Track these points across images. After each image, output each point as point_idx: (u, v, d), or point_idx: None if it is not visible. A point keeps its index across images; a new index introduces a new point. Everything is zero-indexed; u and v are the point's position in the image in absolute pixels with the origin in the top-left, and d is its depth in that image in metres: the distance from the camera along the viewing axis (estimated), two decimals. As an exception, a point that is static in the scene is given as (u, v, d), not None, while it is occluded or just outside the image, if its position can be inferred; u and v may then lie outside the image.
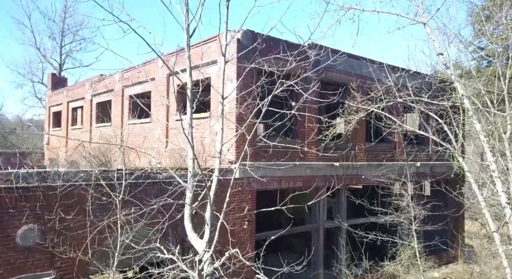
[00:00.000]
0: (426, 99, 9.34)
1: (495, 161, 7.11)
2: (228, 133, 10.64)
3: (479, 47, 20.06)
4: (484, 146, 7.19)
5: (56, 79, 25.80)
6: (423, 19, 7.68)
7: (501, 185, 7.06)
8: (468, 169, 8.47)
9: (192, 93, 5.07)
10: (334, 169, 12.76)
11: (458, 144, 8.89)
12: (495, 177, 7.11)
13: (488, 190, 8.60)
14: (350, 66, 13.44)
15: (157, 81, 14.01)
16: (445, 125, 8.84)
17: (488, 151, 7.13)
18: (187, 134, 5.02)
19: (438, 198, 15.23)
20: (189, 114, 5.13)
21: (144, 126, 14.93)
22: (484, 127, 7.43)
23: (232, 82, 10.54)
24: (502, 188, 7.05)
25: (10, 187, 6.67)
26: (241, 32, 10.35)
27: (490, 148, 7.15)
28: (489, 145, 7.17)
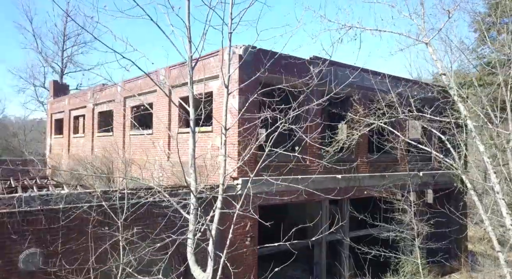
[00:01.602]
0: (428, 116, 9.30)
1: (499, 182, 7.06)
2: (230, 148, 10.63)
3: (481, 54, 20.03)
4: (488, 167, 7.14)
5: (58, 86, 25.85)
6: (425, 39, 7.64)
7: (505, 207, 7.01)
8: (472, 187, 8.43)
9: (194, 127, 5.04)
10: (337, 181, 12.72)
11: (461, 161, 8.84)
12: (499, 199, 7.06)
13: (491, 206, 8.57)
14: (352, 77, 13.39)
15: (159, 93, 14.00)
16: (448, 143, 8.80)
17: (492, 172, 7.08)
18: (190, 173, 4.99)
19: (441, 205, 15.19)
20: (192, 146, 5.09)
21: (146, 138, 14.92)
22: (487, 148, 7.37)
23: (234, 97, 10.52)
24: (506, 210, 7.00)
25: (13, 211, 6.66)
26: (243, 48, 10.34)
27: (494, 169, 7.10)
28: (493, 167, 7.12)
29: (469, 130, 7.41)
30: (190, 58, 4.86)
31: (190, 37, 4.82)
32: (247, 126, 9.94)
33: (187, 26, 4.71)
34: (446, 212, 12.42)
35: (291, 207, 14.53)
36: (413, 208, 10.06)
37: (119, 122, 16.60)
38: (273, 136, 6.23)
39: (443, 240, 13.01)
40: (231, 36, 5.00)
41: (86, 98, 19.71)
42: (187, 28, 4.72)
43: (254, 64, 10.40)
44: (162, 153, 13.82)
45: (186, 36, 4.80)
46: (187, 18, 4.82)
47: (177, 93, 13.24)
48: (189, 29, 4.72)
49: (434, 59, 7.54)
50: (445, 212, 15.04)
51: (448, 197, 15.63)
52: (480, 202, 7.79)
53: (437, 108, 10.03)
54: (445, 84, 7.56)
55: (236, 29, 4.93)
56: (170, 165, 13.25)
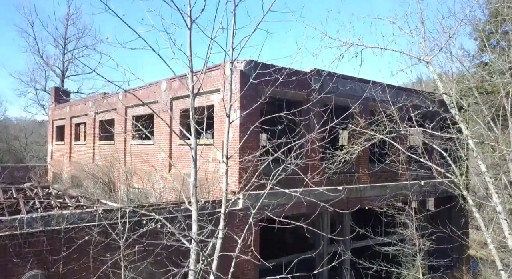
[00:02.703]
0: (430, 130, 9.29)
1: (501, 202, 7.04)
2: (231, 163, 10.62)
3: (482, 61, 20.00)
4: (490, 187, 7.13)
5: (59, 92, 25.88)
6: (427, 58, 7.64)
7: (508, 227, 6.99)
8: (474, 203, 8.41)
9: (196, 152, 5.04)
10: (338, 193, 12.70)
11: (462, 177, 8.82)
12: (501, 219, 7.05)
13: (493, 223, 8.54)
14: (353, 89, 13.40)
15: (160, 104, 14.01)
16: (449, 159, 8.78)
17: (494, 192, 7.07)
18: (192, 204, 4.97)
19: (443, 212, 15.16)
20: (193, 175, 5.07)
21: (147, 148, 14.94)
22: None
23: (235, 112, 10.52)
24: (508, 230, 6.98)
25: (15, 234, 6.67)
26: (244, 62, 10.34)
27: (496, 189, 7.09)
28: (495, 187, 7.10)
29: (470, 149, 7.39)
30: (192, 88, 4.86)
31: (192, 67, 4.82)
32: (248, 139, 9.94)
33: (189, 59, 4.71)
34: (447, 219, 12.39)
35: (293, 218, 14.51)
36: (414, 223, 10.04)
37: (120, 131, 16.62)
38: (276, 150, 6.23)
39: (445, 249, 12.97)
40: (232, 65, 5.00)
41: (87, 106, 19.74)
42: (189, 60, 4.73)
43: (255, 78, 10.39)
44: (163, 164, 13.82)
45: (188, 66, 4.81)
46: (188, 49, 4.82)
47: (178, 104, 13.25)
48: (191, 60, 4.72)
49: (435, 78, 7.53)
50: (446, 218, 15.03)
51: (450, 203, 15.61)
52: (482, 220, 7.77)
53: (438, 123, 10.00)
54: (447, 102, 7.55)
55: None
56: (171, 176, 13.25)
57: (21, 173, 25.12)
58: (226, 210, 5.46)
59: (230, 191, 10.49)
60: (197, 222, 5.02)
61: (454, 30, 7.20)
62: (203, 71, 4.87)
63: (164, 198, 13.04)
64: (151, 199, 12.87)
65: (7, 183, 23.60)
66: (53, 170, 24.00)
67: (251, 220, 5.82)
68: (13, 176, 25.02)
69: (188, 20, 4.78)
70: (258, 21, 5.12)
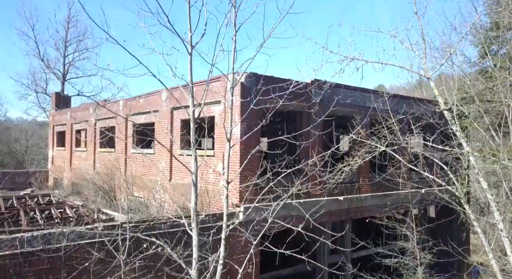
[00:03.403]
0: (430, 143, 9.28)
1: (502, 220, 7.02)
2: (231, 175, 10.61)
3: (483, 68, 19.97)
4: (491, 204, 7.11)
5: (60, 97, 25.92)
6: (428, 74, 7.62)
7: (510, 245, 6.97)
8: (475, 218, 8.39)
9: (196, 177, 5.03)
10: (339, 203, 12.69)
11: (463, 191, 8.80)
12: (503, 237, 7.02)
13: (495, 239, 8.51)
14: (353, 99, 13.38)
15: (160, 113, 14.01)
16: (450, 173, 8.76)
17: (495, 209, 7.05)
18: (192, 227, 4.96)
19: (444, 225, 15.12)
20: (193, 200, 5.06)
21: (148, 157, 14.93)
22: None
23: (236, 124, 10.50)
24: (510, 248, 6.96)
25: (15, 253, 6.66)
26: (245, 75, 10.33)
27: (497, 207, 7.07)
28: (496, 204, 7.08)
29: (471, 166, 7.37)
30: (193, 112, 4.85)
31: (193, 93, 4.82)
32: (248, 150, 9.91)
33: (190, 85, 4.71)
34: (448, 233, 12.38)
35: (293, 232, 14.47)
36: (415, 236, 10.02)
37: (120, 139, 16.61)
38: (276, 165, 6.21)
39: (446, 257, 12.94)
40: (233, 91, 4.99)
41: (87, 113, 19.75)
42: (190, 86, 4.72)
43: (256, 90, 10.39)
44: (164, 174, 13.81)
45: (189, 93, 4.80)
46: (189, 75, 4.82)
47: (178, 114, 13.25)
48: (192, 89, 4.72)
49: (436, 94, 7.52)
50: (447, 232, 14.99)
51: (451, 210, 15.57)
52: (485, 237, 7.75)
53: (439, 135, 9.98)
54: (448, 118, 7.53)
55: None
56: (172, 186, 13.24)
57: (22, 179, 25.15)
58: (226, 233, 5.45)
59: (231, 204, 10.48)
60: (197, 247, 5.01)
61: (454, 47, 7.18)
62: (203, 99, 4.86)
63: (165, 209, 13.04)
64: (152, 209, 12.87)
65: (8, 188, 23.65)
66: (53, 175, 24.01)
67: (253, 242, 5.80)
68: (14, 181, 25.05)
69: (189, 46, 4.78)
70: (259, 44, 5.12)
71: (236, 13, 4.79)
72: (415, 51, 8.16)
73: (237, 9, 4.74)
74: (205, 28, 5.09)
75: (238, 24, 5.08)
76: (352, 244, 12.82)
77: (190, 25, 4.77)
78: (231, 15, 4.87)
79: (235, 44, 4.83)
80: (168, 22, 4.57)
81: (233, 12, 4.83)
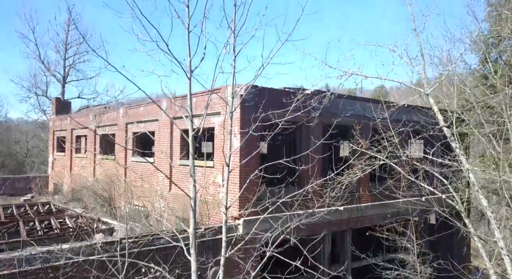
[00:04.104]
0: (431, 157, 9.26)
1: (503, 238, 7.00)
2: (231, 188, 10.59)
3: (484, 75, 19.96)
4: (492, 222, 7.09)
5: (60, 103, 25.93)
6: (427, 89, 7.61)
7: (510, 264, 6.95)
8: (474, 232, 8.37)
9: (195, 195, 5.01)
10: (339, 213, 12.66)
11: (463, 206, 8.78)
12: (503, 255, 7.01)
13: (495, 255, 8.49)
14: (353, 108, 13.36)
15: (160, 122, 14.00)
16: (451, 187, 8.75)
17: (496, 227, 7.03)
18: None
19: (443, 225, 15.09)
20: (192, 225, 5.05)
21: (148, 165, 14.91)
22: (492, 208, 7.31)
23: (235, 136, 10.50)
24: (511, 266, 6.94)
25: (13, 272, 6.65)
26: (244, 88, 10.31)
27: (498, 224, 7.05)
28: (496, 222, 7.06)
29: (472, 184, 7.36)
30: (192, 138, 4.84)
31: (192, 118, 4.81)
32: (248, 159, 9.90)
33: (190, 111, 4.70)
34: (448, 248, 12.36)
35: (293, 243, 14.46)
36: (416, 249, 10.00)
37: (120, 147, 16.61)
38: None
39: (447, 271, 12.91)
40: (232, 115, 4.98)
41: (88, 120, 19.75)
42: (189, 111, 4.72)
43: (255, 103, 10.40)
44: (164, 183, 13.80)
45: (189, 117, 4.79)
46: (188, 99, 4.81)
47: (178, 124, 13.23)
48: (191, 113, 4.71)
49: (436, 110, 7.50)
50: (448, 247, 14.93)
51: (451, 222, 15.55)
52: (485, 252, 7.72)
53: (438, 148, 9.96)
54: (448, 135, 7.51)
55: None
56: (172, 196, 13.23)
57: (22, 184, 25.16)
58: (226, 254, 5.44)
59: (231, 216, 10.46)
60: (196, 272, 5.00)
61: (454, 65, 7.17)
62: (202, 123, 4.85)
63: (164, 218, 13.02)
64: (151, 220, 12.85)
65: (8, 194, 23.67)
66: (53, 181, 24.03)
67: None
68: (14, 187, 25.06)
69: (188, 71, 4.77)
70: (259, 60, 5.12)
71: (235, 38, 4.79)
72: (414, 66, 8.16)
73: (236, 35, 4.74)
74: (204, 51, 5.08)
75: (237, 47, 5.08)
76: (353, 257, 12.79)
77: (189, 50, 4.77)
78: (230, 40, 4.87)
79: (234, 69, 4.82)
80: (168, 49, 4.57)
81: (232, 38, 4.82)
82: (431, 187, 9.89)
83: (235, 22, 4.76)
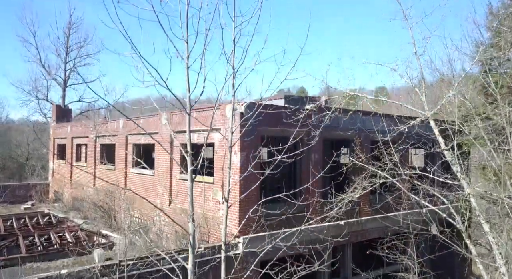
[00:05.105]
0: (431, 175, 9.22)
1: (505, 264, 6.95)
2: (231, 208, 10.57)
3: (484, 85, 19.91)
4: (493, 247, 7.05)
5: (60, 110, 25.95)
6: (427, 112, 7.57)
7: (511, 289, 6.90)
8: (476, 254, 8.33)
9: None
10: (339, 228, 12.62)
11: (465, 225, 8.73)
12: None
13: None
14: (353, 122, 13.31)
15: (160, 135, 13.97)
16: (452, 207, 8.70)
17: (497, 253, 6.98)
18: None
19: (443, 257, 15.02)
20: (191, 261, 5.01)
21: (148, 178, 14.88)
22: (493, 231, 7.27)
23: (236, 154, 10.46)
24: (512, 292, 6.90)
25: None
26: (244, 105, 10.30)
27: (500, 250, 7.00)
28: (498, 247, 7.02)
29: (473, 208, 7.32)
30: (191, 171, 4.81)
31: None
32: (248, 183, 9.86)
33: (189, 150, 4.68)
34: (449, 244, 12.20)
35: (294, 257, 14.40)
36: (416, 267, 9.96)
37: (120, 158, 16.58)
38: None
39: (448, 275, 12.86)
40: (231, 149, 4.96)
41: (88, 129, 19.74)
42: (189, 153, 4.69)
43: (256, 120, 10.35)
44: (164, 197, 13.77)
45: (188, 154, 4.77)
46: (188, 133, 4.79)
47: (178, 138, 13.19)
48: (190, 141, 4.69)
49: (437, 134, 7.47)
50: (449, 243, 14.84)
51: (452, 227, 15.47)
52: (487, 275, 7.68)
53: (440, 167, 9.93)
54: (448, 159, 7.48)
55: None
56: (172, 210, 13.19)
57: (22, 192, 25.18)
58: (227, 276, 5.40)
59: (230, 234, 10.42)
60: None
61: (454, 88, 7.14)
62: (200, 159, 4.82)
63: (164, 232, 12.99)
64: (151, 234, 12.82)
65: (8, 202, 23.67)
66: (54, 188, 24.02)
67: None
68: (15, 194, 25.08)
69: (188, 107, 4.74)
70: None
71: (235, 74, 4.76)
72: (415, 87, 8.12)
73: (236, 71, 4.71)
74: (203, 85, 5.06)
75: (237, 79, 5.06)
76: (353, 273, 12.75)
77: (188, 86, 4.74)
78: (229, 71, 4.84)
79: (233, 106, 4.79)
80: (167, 87, 4.54)
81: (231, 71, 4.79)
82: (431, 205, 9.85)
83: (234, 58, 4.73)
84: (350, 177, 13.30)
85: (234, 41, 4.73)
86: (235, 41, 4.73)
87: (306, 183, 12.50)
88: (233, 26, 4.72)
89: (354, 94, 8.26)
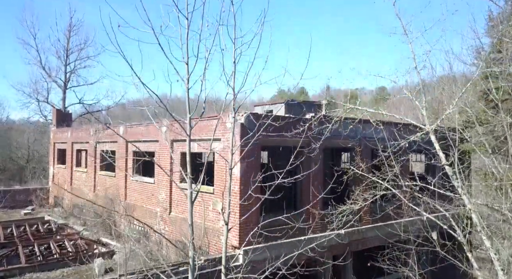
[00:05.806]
0: (432, 187, 9.19)
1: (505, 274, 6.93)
2: (231, 216, 10.53)
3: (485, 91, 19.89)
4: (495, 263, 7.02)
5: (61, 114, 25.93)
6: (428, 127, 7.55)
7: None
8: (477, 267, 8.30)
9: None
10: (340, 237, 12.59)
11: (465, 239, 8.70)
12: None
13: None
14: (354, 130, 13.28)
15: (160, 143, 13.95)
16: (452, 220, 8.68)
17: (499, 269, 6.95)
18: None
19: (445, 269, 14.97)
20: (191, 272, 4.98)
21: (148, 186, 14.86)
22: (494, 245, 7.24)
23: (236, 164, 10.43)
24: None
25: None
26: (244, 116, 10.28)
27: (501, 266, 6.97)
28: (500, 264, 6.99)
29: (474, 224, 7.29)
30: (190, 195, 4.79)
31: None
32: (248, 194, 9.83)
33: (189, 173, 4.66)
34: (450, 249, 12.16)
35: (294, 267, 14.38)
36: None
37: (121, 165, 16.56)
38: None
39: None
40: (231, 172, 4.94)
41: (88, 134, 19.72)
42: (189, 175, 4.68)
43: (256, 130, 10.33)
44: (164, 205, 13.74)
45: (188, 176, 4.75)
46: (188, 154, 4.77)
47: (178, 147, 13.18)
48: (190, 176, 4.67)
49: (437, 148, 7.45)
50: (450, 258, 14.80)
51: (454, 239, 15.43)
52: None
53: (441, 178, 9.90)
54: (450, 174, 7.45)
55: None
56: (172, 220, 13.16)
57: (22, 197, 25.18)
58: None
59: (231, 245, 10.40)
60: None
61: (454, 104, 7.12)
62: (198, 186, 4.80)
63: (164, 241, 12.96)
64: (151, 243, 12.79)
65: (8, 207, 23.66)
66: (54, 193, 24.01)
67: None
68: (15, 199, 25.07)
69: (188, 129, 4.73)
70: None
71: (235, 97, 4.75)
72: (416, 100, 8.10)
73: (236, 95, 4.70)
74: (204, 106, 5.05)
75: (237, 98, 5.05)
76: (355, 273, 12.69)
77: (189, 108, 4.73)
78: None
79: (233, 125, 4.77)
80: (167, 110, 4.52)
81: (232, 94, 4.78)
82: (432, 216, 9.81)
83: (234, 80, 4.72)
84: (351, 186, 13.27)
85: (235, 63, 4.71)
86: (235, 63, 4.71)
87: (306, 192, 12.52)
88: (234, 48, 4.71)
89: (354, 107, 8.24)
